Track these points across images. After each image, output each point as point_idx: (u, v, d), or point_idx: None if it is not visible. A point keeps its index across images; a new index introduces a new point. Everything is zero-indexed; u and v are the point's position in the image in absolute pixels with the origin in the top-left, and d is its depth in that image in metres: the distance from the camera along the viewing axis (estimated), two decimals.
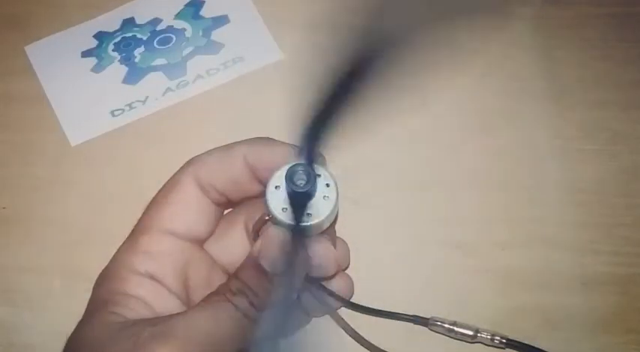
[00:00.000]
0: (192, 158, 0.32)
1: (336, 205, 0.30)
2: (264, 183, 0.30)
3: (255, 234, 0.31)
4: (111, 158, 0.42)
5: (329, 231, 0.31)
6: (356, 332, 0.33)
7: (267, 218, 0.30)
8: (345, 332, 0.33)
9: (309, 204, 0.29)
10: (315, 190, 0.29)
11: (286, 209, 0.29)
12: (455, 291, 0.37)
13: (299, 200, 0.28)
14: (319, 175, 0.30)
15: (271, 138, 0.32)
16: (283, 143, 0.32)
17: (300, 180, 0.29)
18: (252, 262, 0.28)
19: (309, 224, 0.29)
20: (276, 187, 0.29)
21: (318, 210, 0.29)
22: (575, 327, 0.36)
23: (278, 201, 0.29)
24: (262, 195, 0.30)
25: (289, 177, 0.28)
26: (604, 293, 0.37)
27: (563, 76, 0.43)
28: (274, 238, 0.29)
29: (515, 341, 0.34)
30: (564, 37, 0.44)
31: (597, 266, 0.37)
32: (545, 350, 0.34)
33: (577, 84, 0.43)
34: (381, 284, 0.37)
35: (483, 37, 0.44)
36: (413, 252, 0.38)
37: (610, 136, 0.41)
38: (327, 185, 0.30)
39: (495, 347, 0.35)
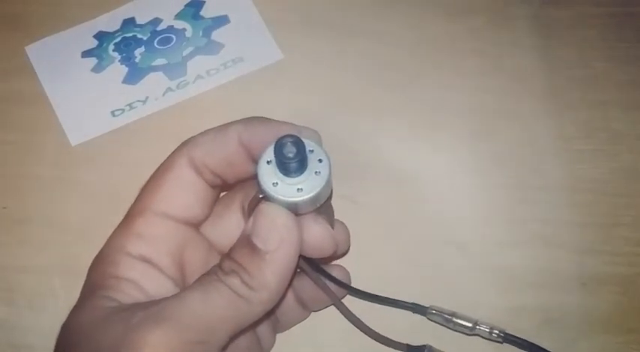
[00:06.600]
0: (187, 139, 0.31)
1: (328, 181, 0.29)
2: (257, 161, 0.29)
3: (250, 212, 0.30)
4: (111, 158, 0.42)
5: (325, 210, 0.31)
6: (356, 317, 0.33)
7: (261, 196, 0.29)
8: (346, 317, 0.33)
9: (300, 179, 0.29)
10: (305, 162, 0.29)
11: (277, 183, 0.29)
12: (455, 291, 0.37)
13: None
14: (312, 150, 0.29)
15: (266, 117, 0.31)
16: (278, 121, 0.31)
17: (290, 152, 0.28)
18: (245, 240, 0.28)
19: (300, 199, 0.29)
20: (267, 162, 0.29)
21: (310, 186, 0.29)
22: (575, 327, 0.36)
23: (269, 176, 0.29)
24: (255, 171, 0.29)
25: (278, 149, 0.28)
26: (604, 293, 0.37)
27: (564, 76, 0.43)
28: (267, 215, 0.28)
29: (514, 335, 0.34)
30: (564, 37, 0.44)
31: (597, 267, 0.37)
32: (546, 349, 0.34)
33: (577, 84, 0.43)
34: (380, 284, 0.37)
35: (483, 37, 0.45)
36: (413, 252, 0.38)
37: (610, 136, 0.41)
38: (320, 160, 0.29)
39: (493, 341, 0.34)
